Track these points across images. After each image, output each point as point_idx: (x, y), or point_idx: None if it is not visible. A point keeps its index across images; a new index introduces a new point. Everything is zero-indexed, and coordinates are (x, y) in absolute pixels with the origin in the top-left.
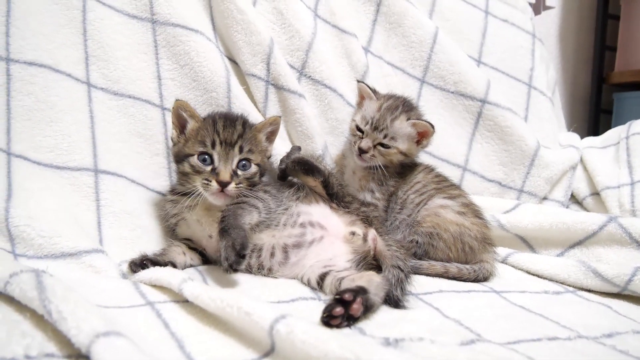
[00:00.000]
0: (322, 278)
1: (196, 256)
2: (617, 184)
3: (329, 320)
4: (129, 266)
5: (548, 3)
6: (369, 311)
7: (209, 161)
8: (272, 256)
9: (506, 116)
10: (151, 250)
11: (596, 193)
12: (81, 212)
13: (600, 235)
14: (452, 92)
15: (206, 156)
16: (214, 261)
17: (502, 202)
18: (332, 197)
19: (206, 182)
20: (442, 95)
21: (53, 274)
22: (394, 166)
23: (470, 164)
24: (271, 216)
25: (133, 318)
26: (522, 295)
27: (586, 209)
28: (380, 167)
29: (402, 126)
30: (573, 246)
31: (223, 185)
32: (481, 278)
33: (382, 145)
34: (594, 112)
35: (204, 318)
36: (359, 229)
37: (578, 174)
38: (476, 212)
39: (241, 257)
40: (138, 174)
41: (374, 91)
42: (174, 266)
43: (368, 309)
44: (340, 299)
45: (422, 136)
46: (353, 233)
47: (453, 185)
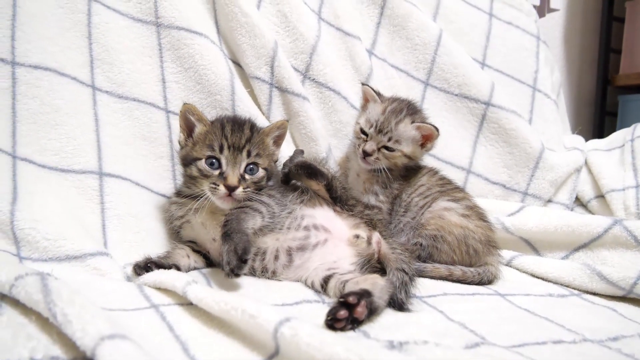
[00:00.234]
0: (326, 281)
1: (200, 259)
2: (622, 187)
3: (333, 323)
4: (133, 269)
5: (552, 5)
6: (373, 314)
7: (217, 165)
8: (276, 259)
9: (510, 119)
10: (155, 253)
11: (601, 196)
12: (86, 215)
13: (605, 238)
14: (456, 95)
15: (214, 160)
16: (218, 264)
17: (507, 205)
18: (336, 201)
19: (214, 186)
20: (446, 97)
21: (58, 277)
22: (398, 169)
23: (474, 167)
24: (275, 220)
25: (137, 321)
26: (527, 298)
27: (591, 212)
28: (384, 170)
29: (407, 129)
30: (578, 249)
31: (231, 189)
32: (485, 281)
33: (387, 148)
34: (599, 115)
35: (208, 321)
36: (363, 232)
37: (583, 177)
38: (480, 215)
39: (243, 262)
40: (142, 177)
41: (378, 94)
42: (178, 269)
43: (372, 312)
44: (344, 302)
45: (427, 139)
46: (357, 236)
47: (457, 187)
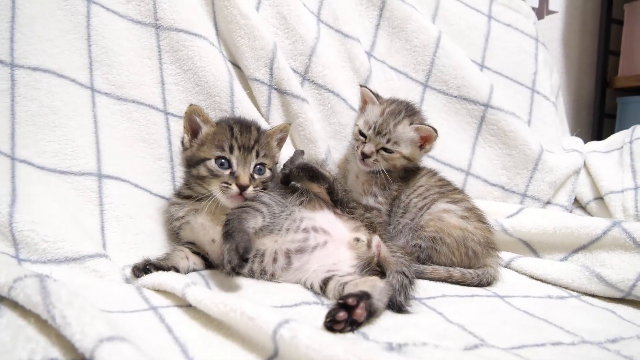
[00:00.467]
0: (325, 283)
1: (199, 260)
2: (621, 189)
3: (332, 325)
4: (132, 271)
5: (551, 7)
6: (373, 316)
7: (227, 165)
8: (275, 261)
9: (509, 120)
10: (154, 254)
11: (600, 197)
12: (85, 217)
13: (604, 239)
14: (455, 97)
15: (223, 160)
16: (217, 265)
17: (506, 207)
18: (337, 203)
19: (225, 186)
20: (445, 99)
21: (57, 279)
22: (397, 170)
23: (473, 168)
24: (275, 221)
25: (136, 323)
26: (526, 300)
27: (590, 214)
28: (383, 172)
29: (405, 131)
30: (577, 251)
31: (243, 188)
32: (484, 283)
33: (385, 149)
34: (598, 117)
35: (207, 322)
36: (363, 235)
37: (582, 179)
38: (479, 217)
39: (244, 261)
40: (141, 179)
41: (377, 96)
42: (177, 271)
43: (371, 314)
44: (343, 304)
45: (425, 140)
46: (357, 239)
47: (456, 189)
